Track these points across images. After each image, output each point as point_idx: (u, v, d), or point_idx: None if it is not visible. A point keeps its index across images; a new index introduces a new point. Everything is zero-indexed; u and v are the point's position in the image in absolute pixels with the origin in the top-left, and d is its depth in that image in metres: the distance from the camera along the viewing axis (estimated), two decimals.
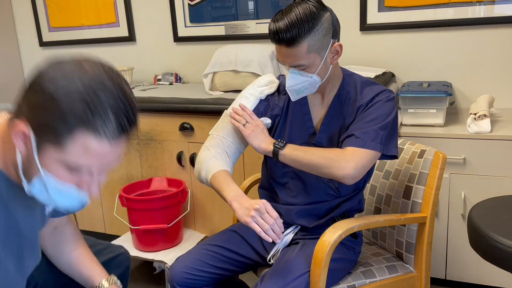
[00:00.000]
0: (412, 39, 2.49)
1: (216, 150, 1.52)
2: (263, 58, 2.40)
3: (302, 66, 1.37)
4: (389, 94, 1.45)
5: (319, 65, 1.38)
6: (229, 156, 1.53)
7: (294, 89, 1.42)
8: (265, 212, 1.28)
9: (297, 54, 1.34)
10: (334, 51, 1.40)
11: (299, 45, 1.32)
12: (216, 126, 1.60)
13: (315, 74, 1.39)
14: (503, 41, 2.32)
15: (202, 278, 1.57)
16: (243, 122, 1.52)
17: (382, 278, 1.56)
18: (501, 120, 2.16)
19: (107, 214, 2.81)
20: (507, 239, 1.24)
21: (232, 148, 1.55)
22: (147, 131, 2.54)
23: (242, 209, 1.31)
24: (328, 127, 1.50)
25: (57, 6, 3.40)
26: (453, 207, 2.09)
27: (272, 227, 1.28)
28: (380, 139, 1.39)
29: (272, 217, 1.28)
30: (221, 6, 2.88)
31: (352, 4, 2.56)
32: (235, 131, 1.55)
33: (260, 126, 1.51)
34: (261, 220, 1.28)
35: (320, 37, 1.34)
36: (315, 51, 1.35)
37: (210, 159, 1.49)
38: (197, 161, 1.53)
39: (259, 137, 1.49)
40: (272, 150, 1.46)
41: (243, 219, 1.30)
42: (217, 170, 1.44)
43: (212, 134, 1.58)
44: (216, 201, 2.48)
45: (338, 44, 1.40)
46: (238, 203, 1.32)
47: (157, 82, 3.07)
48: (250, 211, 1.28)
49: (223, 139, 1.54)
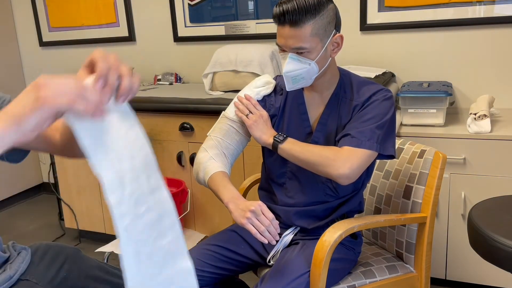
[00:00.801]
0: (412, 39, 2.49)
1: (214, 152, 1.53)
2: (263, 58, 2.40)
3: (303, 49, 1.37)
4: (386, 93, 1.45)
5: (320, 51, 1.39)
6: (227, 157, 1.54)
7: (291, 76, 1.42)
8: (261, 213, 1.30)
9: (301, 35, 1.35)
10: (335, 42, 1.42)
11: (304, 26, 1.34)
12: (214, 127, 1.61)
13: (314, 62, 1.39)
14: (503, 41, 2.32)
15: (202, 278, 1.57)
16: (246, 112, 1.53)
17: (382, 278, 1.56)
18: (501, 120, 2.16)
19: (107, 214, 2.81)
20: (507, 239, 1.24)
21: (229, 149, 1.56)
22: (147, 131, 2.52)
23: (238, 210, 1.33)
24: (324, 126, 1.51)
25: (57, 6, 3.40)
26: (453, 207, 2.09)
27: (267, 229, 1.30)
28: (376, 138, 1.39)
29: (268, 218, 1.30)
30: (221, 6, 2.88)
31: (352, 4, 2.56)
32: (233, 132, 1.57)
33: (264, 116, 1.52)
34: (257, 222, 1.30)
35: (324, 23, 1.36)
36: (318, 36, 1.37)
37: (207, 161, 1.50)
38: (195, 162, 1.55)
39: (261, 128, 1.51)
40: (272, 143, 1.47)
41: (239, 220, 1.32)
42: (215, 172, 1.46)
43: (210, 135, 1.60)
44: (216, 201, 2.48)
45: (340, 36, 1.42)
46: (234, 204, 1.35)
47: (157, 82, 3.07)
48: (246, 212, 1.30)
49: (221, 141, 1.56)
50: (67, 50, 3.48)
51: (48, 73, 2.94)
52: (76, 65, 3.46)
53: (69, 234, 3.08)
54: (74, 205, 2.91)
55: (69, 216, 2.95)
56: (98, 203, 2.82)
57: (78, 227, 2.94)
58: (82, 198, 2.87)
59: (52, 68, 3.59)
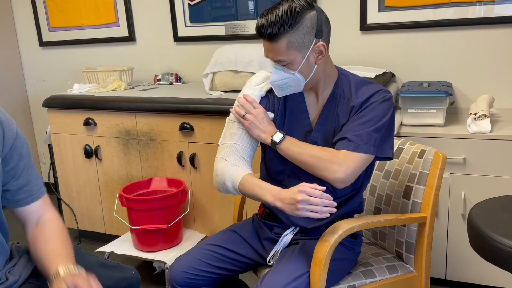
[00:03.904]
0: (412, 39, 2.49)
1: (233, 158, 1.52)
2: (263, 58, 2.38)
3: (283, 62, 1.40)
4: (385, 94, 1.44)
5: (300, 63, 1.39)
6: (246, 160, 1.54)
7: (278, 85, 1.45)
8: (309, 197, 1.29)
9: (277, 49, 1.38)
10: (318, 51, 1.40)
11: (279, 41, 1.36)
12: (224, 135, 1.60)
13: (297, 72, 1.41)
14: (503, 41, 2.32)
15: (202, 278, 1.57)
16: (243, 114, 1.53)
17: (382, 278, 1.56)
18: (501, 120, 2.16)
19: (107, 214, 2.81)
20: (507, 239, 1.24)
21: (246, 151, 1.55)
22: (147, 131, 2.54)
23: (287, 206, 1.33)
24: (322, 127, 1.51)
25: (57, 6, 3.40)
26: (453, 207, 2.09)
27: (323, 204, 1.29)
28: (373, 142, 1.39)
29: (317, 196, 1.29)
30: (221, 6, 2.88)
31: (352, 4, 2.56)
32: (244, 134, 1.56)
33: (260, 115, 1.52)
34: (311, 207, 1.30)
35: (300, 35, 1.36)
36: (295, 49, 1.37)
37: (230, 169, 1.49)
38: (217, 174, 1.52)
39: (259, 127, 1.51)
40: (270, 143, 1.49)
41: (294, 213, 1.32)
42: (243, 176, 1.45)
43: (223, 143, 1.57)
44: (216, 201, 2.48)
45: (322, 44, 1.40)
46: (280, 202, 1.35)
47: (157, 82, 3.07)
48: (295, 205, 1.31)
49: (236, 145, 1.54)
50: (67, 50, 3.49)
51: (48, 73, 2.95)
52: (76, 65, 3.47)
53: (69, 234, 3.08)
54: (74, 205, 2.91)
55: (69, 216, 2.95)
56: (98, 203, 2.82)
57: (78, 227, 2.94)
58: (82, 198, 2.87)
59: (52, 68, 3.59)
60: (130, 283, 1.46)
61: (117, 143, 2.65)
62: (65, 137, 2.81)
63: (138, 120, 2.54)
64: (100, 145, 2.70)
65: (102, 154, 2.71)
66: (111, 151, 2.68)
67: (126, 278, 1.44)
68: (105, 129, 2.66)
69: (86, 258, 1.39)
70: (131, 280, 1.46)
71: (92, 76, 3.04)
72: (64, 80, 3.56)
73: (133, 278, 1.47)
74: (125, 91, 2.79)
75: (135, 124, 2.56)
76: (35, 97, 3.74)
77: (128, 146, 2.63)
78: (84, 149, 2.74)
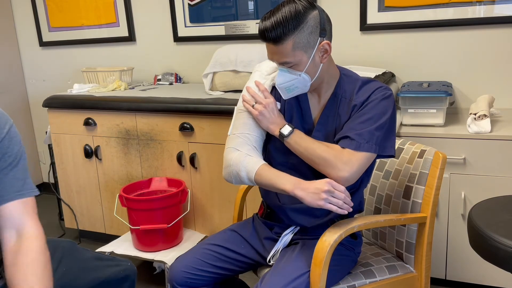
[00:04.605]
0: (412, 39, 2.49)
1: (246, 148, 1.51)
2: (263, 58, 2.38)
3: (289, 64, 1.39)
4: (385, 91, 1.44)
5: (307, 63, 1.39)
6: (258, 150, 1.53)
7: (284, 87, 1.44)
8: (334, 190, 1.34)
9: (283, 51, 1.37)
10: (323, 49, 1.40)
11: (284, 42, 1.35)
12: (233, 125, 1.57)
13: (303, 72, 1.40)
14: (503, 41, 2.32)
15: (202, 278, 1.57)
16: (252, 103, 1.52)
17: (382, 278, 1.56)
18: (501, 120, 2.16)
19: (107, 214, 2.81)
20: (507, 239, 1.24)
21: (259, 141, 1.54)
22: (147, 131, 2.54)
23: (309, 195, 1.35)
24: (323, 126, 1.50)
25: (57, 6, 3.40)
26: (453, 207, 2.09)
27: (344, 201, 1.35)
28: (375, 140, 1.39)
29: (341, 191, 1.34)
30: (221, 6, 2.88)
31: (352, 4, 2.56)
32: (255, 123, 1.54)
33: (270, 106, 1.50)
34: (335, 199, 1.34)
35: (305, 35, 1.35)
36: (301, 49, 1.37)
37: (244, 159, 1.48)
38: (229, 164, 1.50)
39: (268, 118, 1.50)
40: (278, 135, 1.48)
41: (315, 203, 1.34)
42: (259, 166, 1.45)
43: (234, 133, 1.55)
44: (216, 201, 2.48)
45: (326, 43, 1.40)
46: (301, 190, 1.37)
47: (157, 82, 3.07)
48: (320, 194, 1.33)
49: (249, 135, 1.53)
50: (67, 50, 3.49)
51: (48, 73, 2.95)
52: (76, 65, 3.47)
53: (69, 234, 3.09)
54: (74, 205, 2.91)
55: (69, 216, 2.95)
56: (98, 203, 2.82)
57: (78, 227, 2.94)
58: (82, 198, 2.87)
59: (52, 68, 3.59)
60: (126, 274, 1.46)
61: (117, 143, 2.65)
62: (65, 137, 2.81)
63: (138, 120, 2.54)
64: (100, 145, 2.70)
65: (102, 154, 2.71)
66: (111, 151, 2.68)
67: (122, 270, 1.44)
68: (105, 129, 2.66)
69: (81, 253, 1.40)
70: (127, 271, 1.47)
71: (92, 76, 3.04)
72: (64, 80, 3.56)
73: (129, 270, 1.48)
74: (125, 91, 2.79)
75: (135, 124, 2.56)
76: (35, 97, 3.74)
77: (128, 146, 2.63)
78: (84, 149, 2.74)
